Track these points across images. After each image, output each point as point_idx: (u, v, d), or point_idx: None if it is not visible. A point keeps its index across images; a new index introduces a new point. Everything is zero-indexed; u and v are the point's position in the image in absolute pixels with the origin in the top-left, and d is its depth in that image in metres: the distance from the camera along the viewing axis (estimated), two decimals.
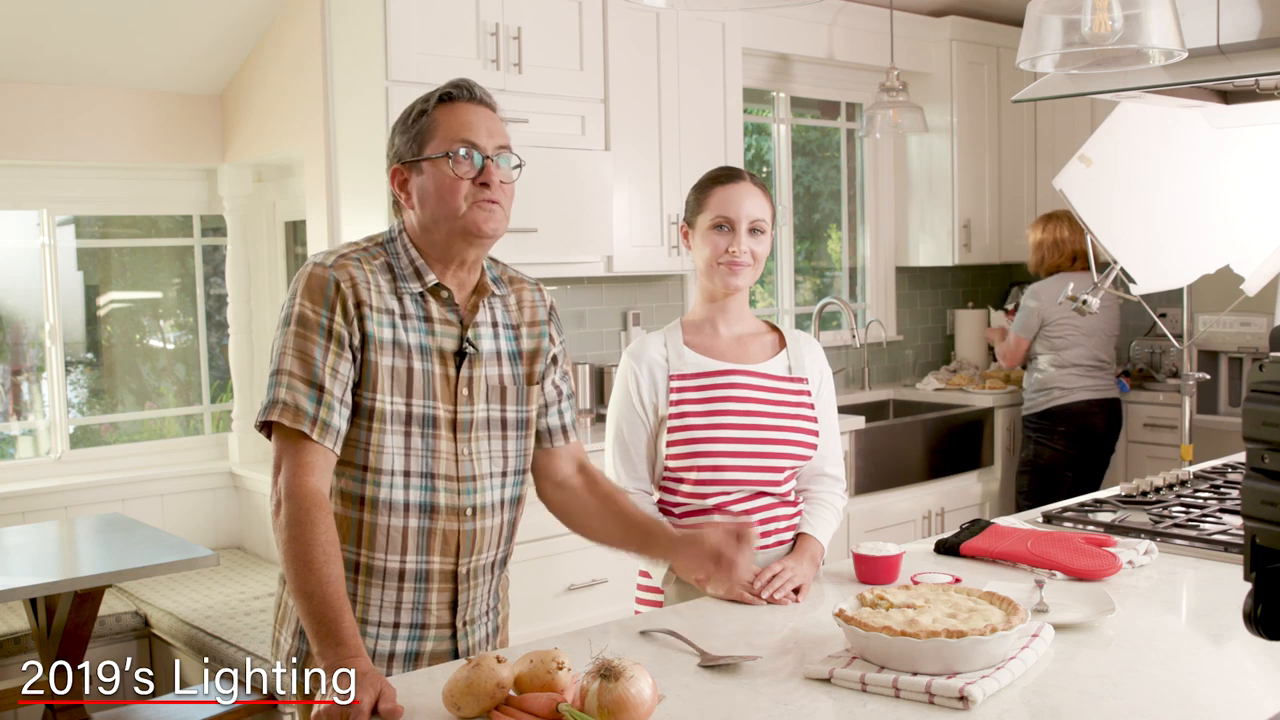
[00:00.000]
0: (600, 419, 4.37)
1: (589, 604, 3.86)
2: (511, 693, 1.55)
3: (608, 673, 1.49)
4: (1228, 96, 2.84)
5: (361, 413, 1.85)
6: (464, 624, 1.97)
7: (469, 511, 1.92)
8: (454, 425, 1.90)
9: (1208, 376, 4.34)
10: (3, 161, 4.05)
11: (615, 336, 4.74)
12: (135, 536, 3.46)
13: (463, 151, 1.88)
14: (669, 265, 4.49)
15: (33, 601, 3.33)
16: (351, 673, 1.59)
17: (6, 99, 3.95)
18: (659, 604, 2.26)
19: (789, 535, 2.29)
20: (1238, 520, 2.46)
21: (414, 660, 1.93)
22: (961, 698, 1.55)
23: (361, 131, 3.78)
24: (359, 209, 3.83)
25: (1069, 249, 4.99)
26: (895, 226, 5.92)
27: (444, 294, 1.91)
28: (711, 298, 2.33)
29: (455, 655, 1.96)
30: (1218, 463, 3.19)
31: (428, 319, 1.90)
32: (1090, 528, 2.51)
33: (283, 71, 4.08)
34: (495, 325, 1.98)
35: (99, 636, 3.70)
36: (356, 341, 1.83)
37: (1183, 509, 2.63)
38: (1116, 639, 1.85)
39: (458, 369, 1.91)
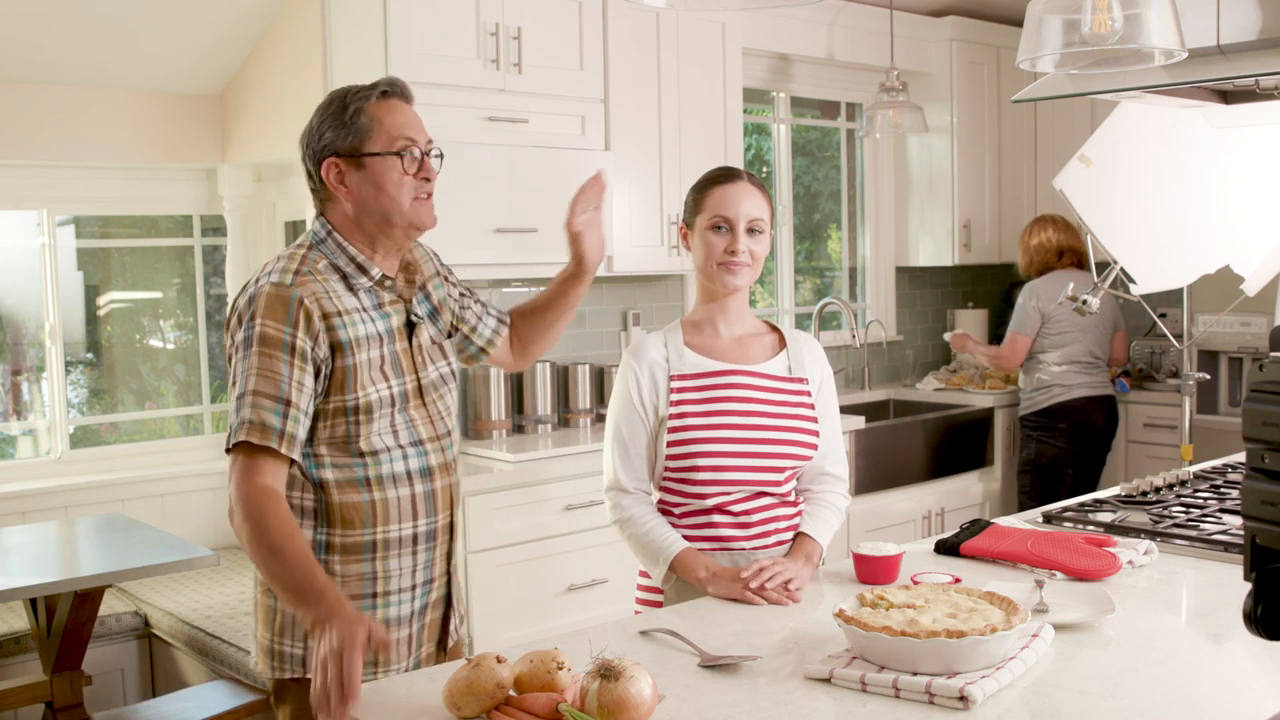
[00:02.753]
0: (600, 419, 4.37)
1: (589, 604, 3.86)
2: (511, 693, 1.55)
3: (608, 673, 1.49)
4: (1228, 96, 2.84)
5: (348, 412, 1.94)
6: (454, 569, 2.12)
7: (453, 464, 2.08)
8: (420, 392, 2.03)
9: (1208, 376, 4.34)
10: (3, 161, 4.05)
11: (615, 336, 4.75)
12: (135, 536, 3.46)
13: (410, 150, 1.97)
14: (669, 265, 4.49)
15: (33, 601, 3.33)
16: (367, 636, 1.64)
17: (6, 99, 3.95)
18: (659, 604, 2.26)
19: (789, 535, 2.29)
20: (1238, 520, 2.46)
21: (423, 612, 2.06)
22: (961, 698, 1.55)
23: None
24: None
25: (1054, 245, 5.04)
26: (895, 226, 5.92)
27: (387, 282, 2.04)
28: (711, 298, 2.33)
29: (449, 600, 2.10)
30: (1218, 463, 3.19)
31: (380, 305, 2.02)
32: (1090, 528, 2.51)
33: (283, 71, 4.08)
34: (416, 293, 2.11)
35: (99, 636, 3.70)
36: (323, 354, 1.91)
37: (1183, 509, 2.63)
38: (1116, 639, 1.85)
39: (409, 340, 2.04)
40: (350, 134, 1.95)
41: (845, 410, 4.81)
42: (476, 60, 3.80)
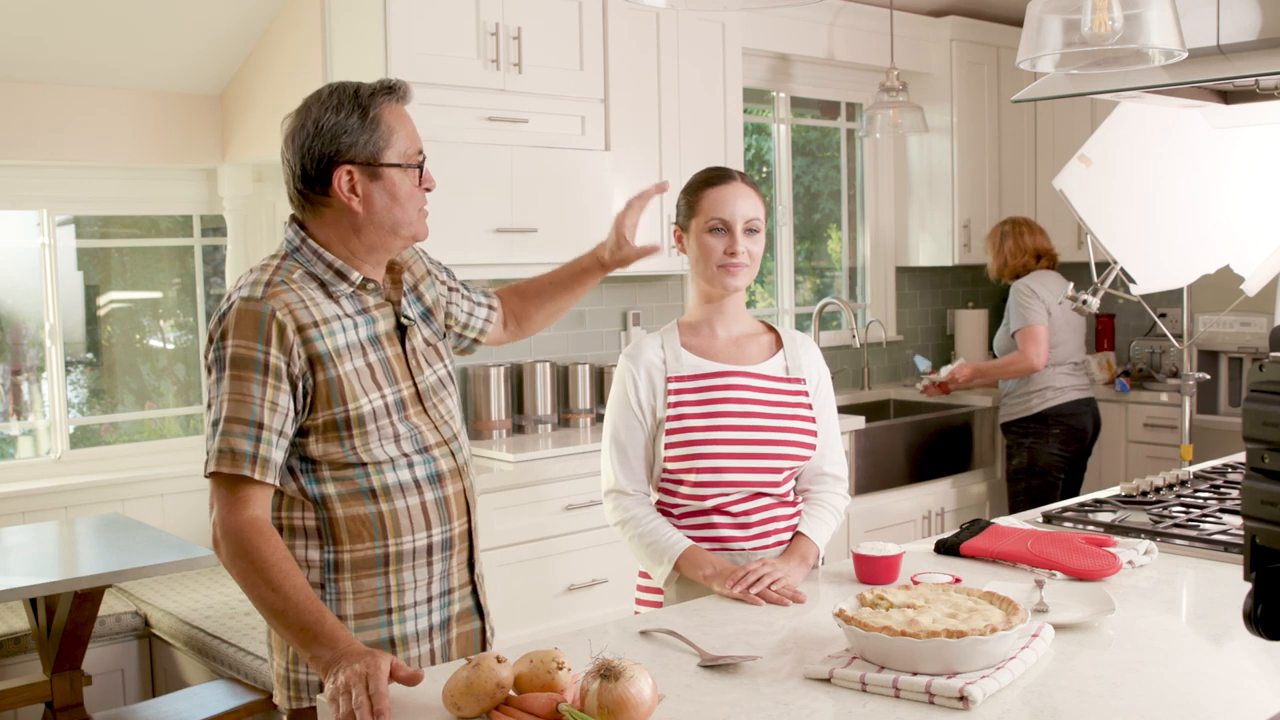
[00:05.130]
0: (600, 419, 4.37)
1: (589, 604, 3.86)
2: (511, 693, 1.55)
3: (608, 673, 1.49)
4: (1228, 96, 2.84)
5: (339, 425, 1.85)
6: (478, 579, 2.04)
7: (464, 468, 2.00)
8: (419, 398, 1.95)
9: (1208, 376, 4.34)
10: (3, 161, 4.05)
11: (615, 336, 4.75)
12: (135, 536, 3.46)
13: (423, 163, 1.93)
14: (669, 265, 4.48)
15: (33, 601, 3.33)
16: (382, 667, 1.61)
17: (7, 99, 3.95)
18: (659, 604, 2.26)
19: (789, 535, 2.29)
20: (1238, 520, 2.46)
21: (447, 626, 1.99)
22: (961, 698, 1.55)
23: None
24: None
25: (1031, 248, 4.96)
26: (895, 226, 5.92)
27: (370, 285, 1.94)
28: (708, 299, 2.33)
29: (479, 610, 2.04)
30: (1218, 463, 3.19)
31: (365, 310, 1.92)
32: (1090, 528, 2.51)
33: (283, 71, 4.08)
34: (405, 295, 2.04)
35: (99, 636, 3.70)
36: (299, 369, 1.81)
37: (1183, 509, 2.63)
38: (1116, 639, 1.85)
39: (403, 344, 1.96)
40: (370, 141, 1.84)
41: (845, 410, 4.81)
42: (476, 60, 3.80)
